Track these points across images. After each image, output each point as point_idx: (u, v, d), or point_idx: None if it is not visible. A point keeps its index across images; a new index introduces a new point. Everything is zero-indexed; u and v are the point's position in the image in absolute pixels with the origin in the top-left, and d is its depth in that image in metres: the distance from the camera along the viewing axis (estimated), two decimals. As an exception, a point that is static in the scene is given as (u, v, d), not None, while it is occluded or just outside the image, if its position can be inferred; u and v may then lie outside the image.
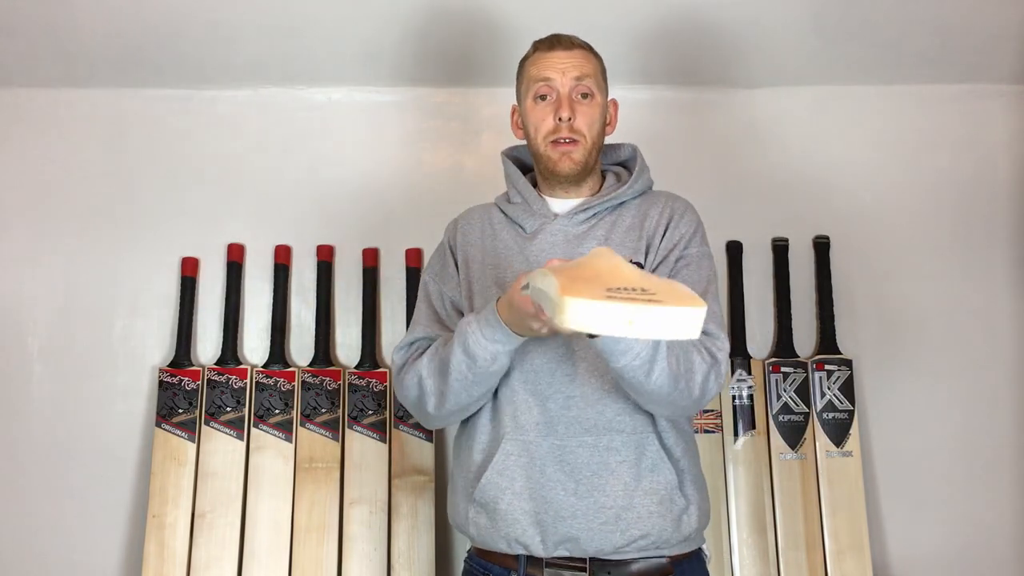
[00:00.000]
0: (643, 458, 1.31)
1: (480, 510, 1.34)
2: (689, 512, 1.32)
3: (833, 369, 2.06)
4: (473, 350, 1.25)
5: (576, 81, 1.39)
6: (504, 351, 1.24)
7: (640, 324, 0.90)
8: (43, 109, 2.18)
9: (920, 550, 2.05)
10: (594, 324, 0.91)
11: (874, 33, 2.00)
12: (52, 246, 2.14)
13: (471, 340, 1.25)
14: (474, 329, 1.25)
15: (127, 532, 2.04)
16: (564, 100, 1.39)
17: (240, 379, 2.03)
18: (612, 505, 1.29)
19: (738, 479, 2.01)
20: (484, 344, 1.23)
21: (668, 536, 1.30)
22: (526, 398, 1.33)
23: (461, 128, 2.21)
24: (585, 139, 1.40)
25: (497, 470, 1.31)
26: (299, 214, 2.16)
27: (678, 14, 1.95)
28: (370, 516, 1.96)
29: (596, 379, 1.32)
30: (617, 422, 1.31)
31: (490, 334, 1.23)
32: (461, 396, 1.30)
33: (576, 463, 1.30)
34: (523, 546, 1.30)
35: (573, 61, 1.40)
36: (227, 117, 2.20)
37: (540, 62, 1.42)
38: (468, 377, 1.27)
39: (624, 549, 1.30)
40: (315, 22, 1.94)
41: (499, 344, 1.23)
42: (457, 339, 1.27)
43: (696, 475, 1.38)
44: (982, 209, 2.17)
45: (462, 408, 1.34)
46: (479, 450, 1.36)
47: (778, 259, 2.14)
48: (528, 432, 1.32)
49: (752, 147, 2.20)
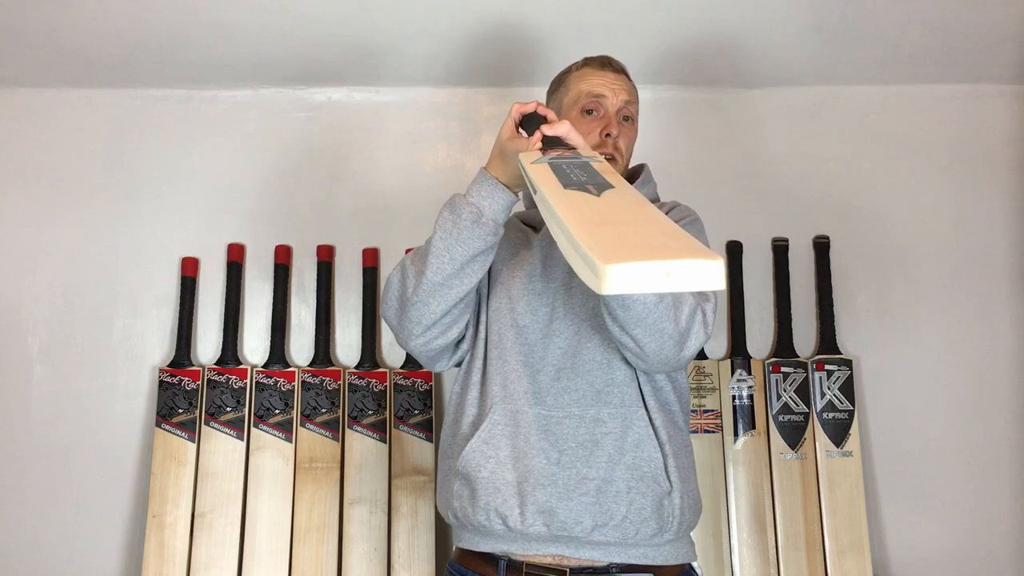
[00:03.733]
0: (629, 432, 1.30)
1: (464, 483, 1.32)
2: (672, 498, 1.29)
3: (833, 369, 2.06)
4: (457, 205, 1.28)
5: (624, 104, 1.46)
6: (491, 206, 1.26)
7: (676, 276, 0.88)
8: (43, 109, 2.18)
9: (920, 550, 2.05)
10: (637, 284, 0.88)
11: (874, 33, 2.00)
12: (52, 246, 2.14)
13: (455, 199, 1.29)
14: (460, 194, 1.29)
15: (127, 532, 2.04)
16: (612, 118, 1.44)
17: (240, 379, 2.03)
18: (594, 477, 1.28)
19: (738, 479, 2.01)
20: (470, 199, 1.27)
21: (647, 516, 1.27)
22: (516, 368, 1.33)
23: (461, 128, 2.22)
24: (622, 158, 1.46)
25: (483, 439, 1.31)
26: (299, 214, 2.16)
27: (678, 14, 1.95)
28: (370, 516, 1.96)
29: (589, 351, 1.33)
30: (606, 394, 1.31)
31: (477, 190, 1.27)
32: (443, 258, 1.26)
33: (562, 433, 1.30)
34: (501, 517, 1.28)
35: (622, 84, 1.47)
36: (227, 117, 2.20)
37: (592, 78, 1.47)
38: (452, 233, 1.26)
39: (603, 529, 1.27)
40: (315, 22, 1.94)
41: (487, 199, 1.26)
42: (443, 207, 1.30)
43: (683, 465, 1.34)
44: (982, 209, 2.17)
45: (444, 281, 1.28)
46: (467, 423, 1.35)
47: (778, 259, 2.14)
48: (517, 401, 1.32)
49: (752, 147, 2.20)
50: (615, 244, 0.94)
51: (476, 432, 1.32)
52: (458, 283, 1.29)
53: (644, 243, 0.94)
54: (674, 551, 1.33)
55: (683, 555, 1.35)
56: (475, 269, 1.29)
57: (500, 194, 1.27)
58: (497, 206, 1.27)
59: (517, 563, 1.30)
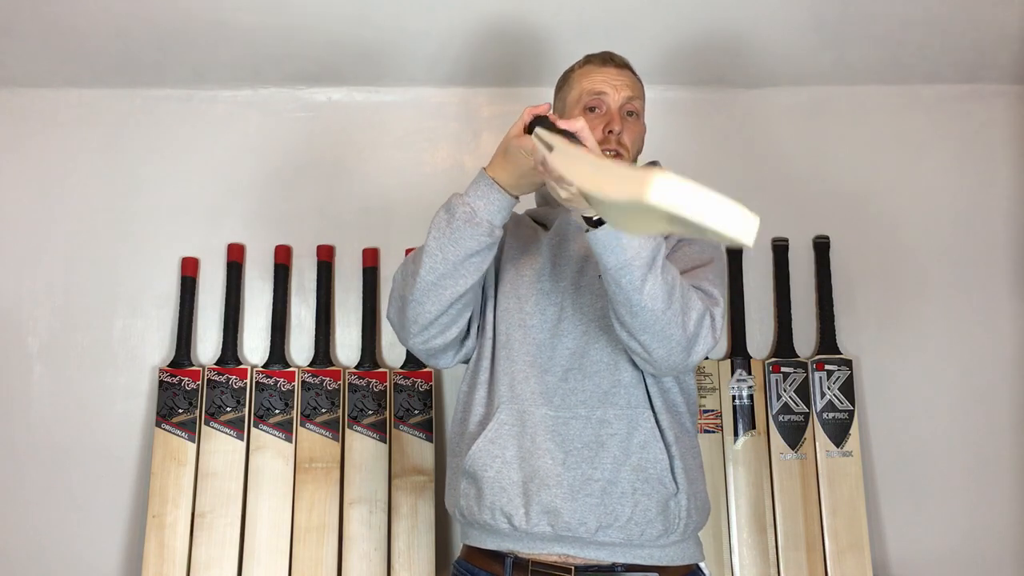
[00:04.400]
0: (635, 433, 1.30)
1: (470, 482, 1.33)
2: (679, 500, 1.29)
3: (833, 369, 2.06)
4: (453, 204, 1.28)
5: (627, 99, 1.44)
6: (486, 207, 1.26)
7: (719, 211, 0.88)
8: (43, 109, 2.18)
9: (920, 550, 2.05)
10: (682, 203, 0.87)
11: (874, 33, 2.00)
12: (52, 246, 2.14)
13: (453, 198, 1.29)
14: (459, 194, 1.30)
15: (127, 532, 2.04)
16: (615, 114, 1.42)
17: (240, 379, 2.03)
18: (599, 478, 1.28)
19: (738, 479, 2.01)
20: (465, 199, 1.27)
21: (652, 518, 1.27)
22: (524, 368, 1.33)
23: (461, 128, 2.21)
24: (627, 154, 1.43)
25: (489, 438, 1.31)
26: (299, 214, 2.16)
27: (678, 14, 1.95)
28: (370, 516, 1.96)
29: (596, 353, 1.33)
30: (613, 395, 1.31)
31: (473, 190, 1.28)
32: (436, 257, 1.27)
33: (568, 434, 1.30)
34: (506, 517, 1.29)
35: (625, 80, 1.45)
36: (227, 117, 2.20)
37: (594, 75, 1.45)
38: (445, 232, 1.27)
39: (608, 530, 1.27)
40: (315, 22, 1.94)
41: (482, 199, 1.26)
42: (440, 206, 1.31)
43: (690, 467, 1.34)
44: (982, 209, 2.17)
45: (437, 280, 1.28)
46: (475, 422, 1.35)
47: (778, 259, 2.14)
48: (524, 401, 1.32)
49: (752, 147, 2.20)
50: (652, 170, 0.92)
51: (483, 432, 1.32)
52: (452, 283, 1.28)
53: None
54: (680, 552, 1.33)
55: (689, 555, 1.35)
56: (470, 270, 1.28)
57: (496, 195, 1.26)
58: (493, 207, 1.26)
59: (523, 561, 1.31)
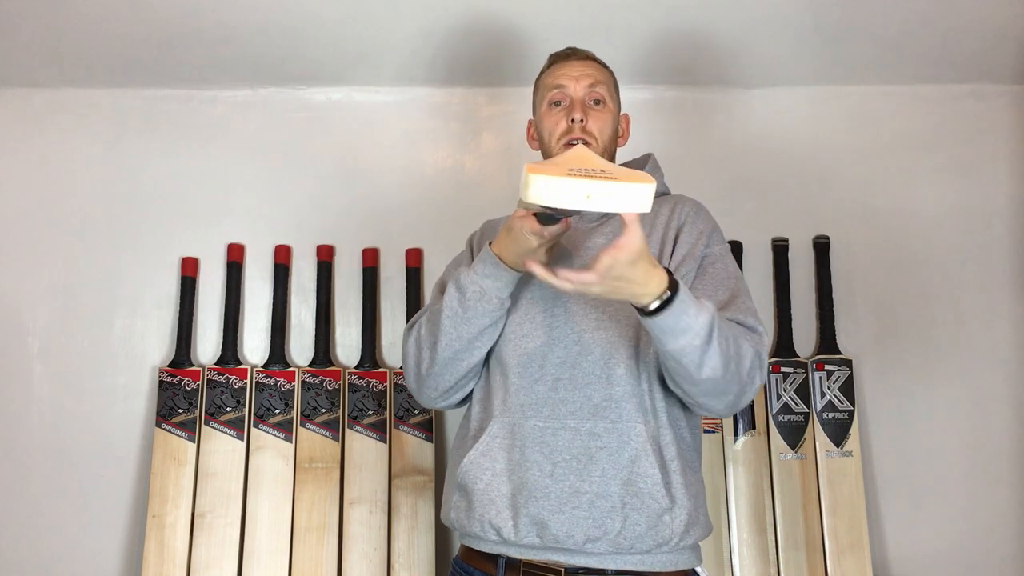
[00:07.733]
0: (625, 447, 1.28)
1: (462, 494, 1.33)
2: (674, 513, 1.27)
3: (833, 369, 2.06)
4: (463, 283, 1.30)
5: (589, 88, 1.44)
6: (493, 285, 1.28)
7: (597, 198, 1.02)
8: (43, 109, 2.18)
9: (920, 550, 2.05)
10: (555, 198, 1.02)
11: (874, 33, 2.00)
12: (52, 246, 2.14)
13: (463, 275, 1.31)
14: (467, 267, 1.32)
15: (127, 532, 2.04)
16: (577, 103, 1.43)
17: (240, 379, 2.03)
18: (588, 491, 1.27)
19: (738, 479, 2.01)
20: (474, 278, 1.29)
21: (642, 533, 1.26)
22: (516, 380, 1.33)
23: (461, 128, 2.22)
24: (597, 142, 1.42)
25: (481, 451, 1.32)
26: (299, 214, 2.16)
27: (678, 14, 1.94)
28: (370, 516, 1.96)
29: (588, 364, 1.31)
30: (604, 408, 1.29)
31: (481, 268, 1.29)
32: (451, 336, 1.31)
33: (556, 446, 1.29)
34: (495, 529, 1.29)
35: (586, 70, 1.45)
36: (227, 117, 2.20)
37: (555, 71, 1.47)
38: (458, 312, 1.30)
39: (596, 543, 1.26)
40: (315, 22, 1.94)
41: (489, 278, 1.28)
42: (451, 280, 1.33)
43: (691, 481, 1.32)
44: (982, 209, 2.17)
45: (454, 356, 1.32)
46: (470, 435, 1.37)
47: (778, 259, 2.14)
48: (515, 413, 1.31)
49: (752, 147, 2.20)
50: (551, 165, 1.05)
51: (476, 444, 1.33)
52: (467, 356, 1.33)
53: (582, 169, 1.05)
54: (674, 558, 1.31)
55: (684, 561, 1.32)
56: (484, 340, 1.33)
57: (503, 273, 1.29)
58: (500, 283, 1.29)
59: (515, 561, 1.31)
